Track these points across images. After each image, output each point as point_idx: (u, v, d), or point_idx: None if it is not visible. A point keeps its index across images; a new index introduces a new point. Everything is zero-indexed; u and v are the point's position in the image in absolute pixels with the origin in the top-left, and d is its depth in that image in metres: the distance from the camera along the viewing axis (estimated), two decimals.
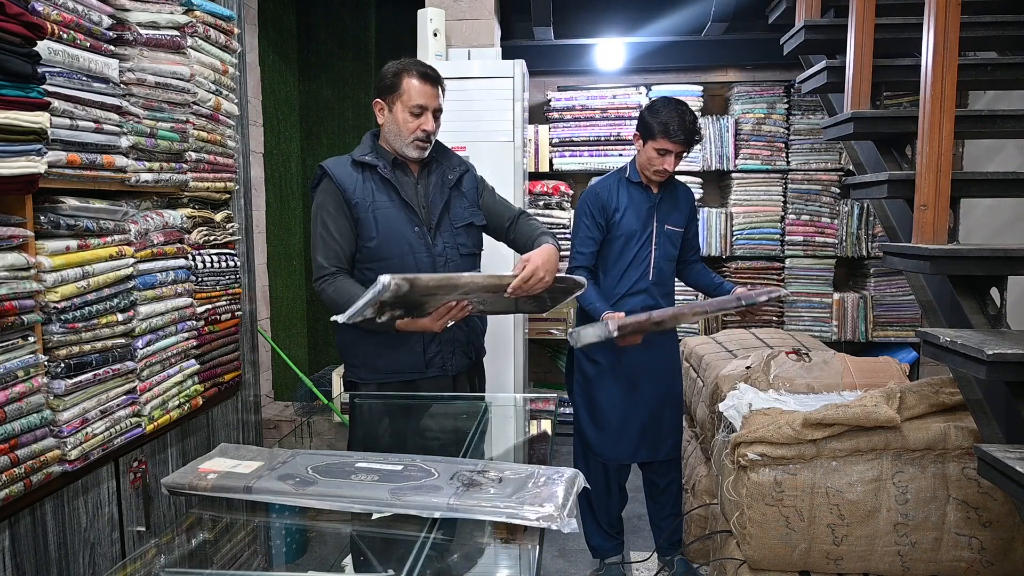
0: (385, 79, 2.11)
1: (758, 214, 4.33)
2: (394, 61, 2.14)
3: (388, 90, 2.10)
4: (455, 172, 2.22)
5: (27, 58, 1.46)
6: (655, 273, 2.66)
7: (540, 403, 2.34)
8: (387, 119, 2.12)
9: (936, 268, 1.75)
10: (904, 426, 2.03)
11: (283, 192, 4.39)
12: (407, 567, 1.20)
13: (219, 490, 1.39)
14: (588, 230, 2.64)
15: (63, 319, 1.65)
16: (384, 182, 2.11)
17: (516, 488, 1.32)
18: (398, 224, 2.09)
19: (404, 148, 2.11)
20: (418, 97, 2.07)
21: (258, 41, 4.05)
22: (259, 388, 2.72)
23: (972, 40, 2.34)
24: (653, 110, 2.54)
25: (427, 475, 1.38)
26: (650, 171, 2.59)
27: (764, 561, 2.14)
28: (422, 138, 2.09)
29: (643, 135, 2.57)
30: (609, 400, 2.69)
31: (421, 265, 2.09)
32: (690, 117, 2.53)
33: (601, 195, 2.65)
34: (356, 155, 2.13)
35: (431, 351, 2.13)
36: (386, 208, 2.09)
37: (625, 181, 2.67)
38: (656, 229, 2.65)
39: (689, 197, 2.78)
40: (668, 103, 2.55)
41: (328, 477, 1.38)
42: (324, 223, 2.09)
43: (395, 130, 2.10)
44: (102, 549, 1.83)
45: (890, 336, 4.27)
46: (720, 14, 4.04)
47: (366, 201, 2.08)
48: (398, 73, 2.09)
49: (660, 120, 2.50)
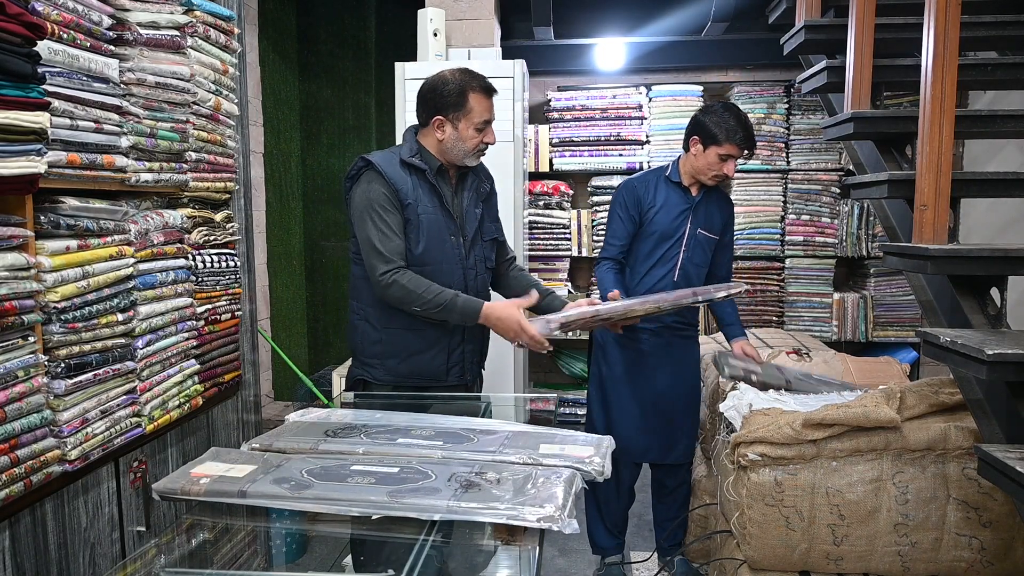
0: (448, 96, 2.07)
1: (758, 214, 4.33)
2: (448, 73, 2.10)
3: (452, 108, 2.07)
4: (486, 186, 2.25)
5: (27, 58, 1.46)
6: (680, 275, 2.63)
7: (540, 403, 2.34)
8: (449, 135, 2.09)
9: (936, 268, 1.75)
10: (904, 426, 2.02)
11: (283, 192, 4.39)
12: (407, 567, 1.20)
13: (213, 495, 1.36)
14: (621, 222, 2.64)
15: (63, 319, 1.65)
16: (430, 187, 2.09)
17: (515, 489, 1.32)
18: (441, 232, 2.09)
19: (466, 159, 2.12)
20: (485, 113, 2.09)
21: (258, 41, 4.05)
22: (259, 388, 2.72)
23: (972, 40, 2.34)
24: (715, 115, 2.52)
25: (424, 477, 1.38)
26: (708, 176, 2.57)
27: (764, 561, 2.14)
28: (483, 149, 2.13)
29: (704, 140, 2.53)
30: (624, 399, 2.69)
31: (454, 276, 2.10)
32: (749, 122, 2.54)
33: (638, 189, 2.64)
34: (405, 156, 2.09)
35: (454, 359, 2.15)
36: (433, 214, 2.09)
37: (664, 180, 2.66)
38: (689, 231, 2.62)
39: (728, 205, 2.75)
40: (729, 108, 2.54)
41: (324, 480, 1.36)
42: (382, 219, 2.03)
43: (459, 146, 2.09)
44: (102, 549, 1.83)
45: (890, 336, 4.26)
46: (720, 14, 4.04)
47: (415, 203, 2.07)
48: (463, 91, 2.06)
49: (727, 126, 2.48)
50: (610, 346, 2.71)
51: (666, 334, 2.66)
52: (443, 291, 2.02)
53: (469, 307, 2.03)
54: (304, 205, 4.61)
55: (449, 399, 2.16)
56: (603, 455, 1.50)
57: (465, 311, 2.02)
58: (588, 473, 1.43)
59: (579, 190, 4.58)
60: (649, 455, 2.72)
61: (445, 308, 2.01)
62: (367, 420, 1.75)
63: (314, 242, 4.64)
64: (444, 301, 2.00)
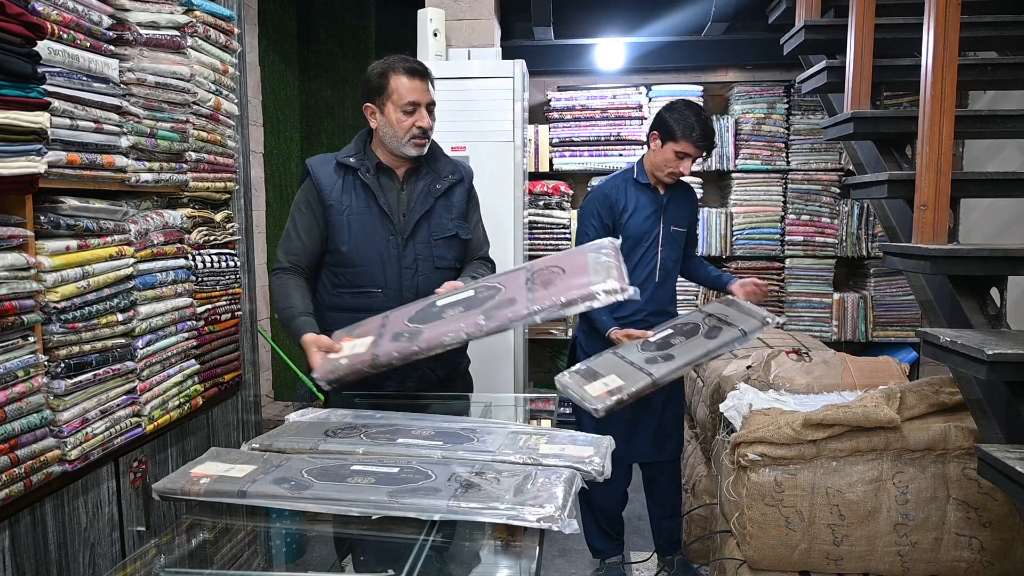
0: (371, 81, 2.05)
1: (758, 214, 4.33)
2: (377, 61, 2.08)
3: (376, 92, 2.04)
4: (445, 181, 2.12)
5: (27, 58, 1.46)
6: (661, 274, 2.65)
7: (540, 403, 2.34)
8: (380, 122, 2.06)
9: (936, 268, 1.75)
10: (904, 426, 2.02)
11: (283, 192, 4.39)
12: (407, 568, 1.20)
13: (212, 495, 1.35)
14: (596, 231, 2.61)
15: (63, 319, 1.65)
16: (364, 187, 2.07)
17: (515, 489, 1.32)
18: (371, 231, 2.05)
19: (402, 148, 2.05)
20: (409, 94, 2.00)
21: (258, 41, 4.05)
22: (259, 388, 2.72)
23: (972, 40, 2.34)
24: (675, 112, 2.52)
25: (424, 477, 1.38)
26: (664, 172, 2.58)
27: (764, 561, 2.14)
28: (418, 135, 2.03)
29: (662, 136, 2.54)
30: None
31: (388, 274, 2.05)
32: (710, 123, 2.53)
33: (609, 196, 2.63)
34: (340, 156, 2.10)
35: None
36: (361, 214, 2.05)
37: (632, 182, 2.66)
38: (663, 231, 2.64)
39: (692, 197, 2.78)
40: (689, 106, 2.53)
41: (324, 480, 1.36)
42: (294, 219, 2.09)
43: (390, 132, 2.04)
44: (102, 549, 1.83)
45: (890, 336, 4.27)
46: (720, 14, 4.04)
47: (342, 205, 2.05)
48: (384, 73, 2.03)
49: (685, 123, 2.48)
50: (596, 347, 2.69)
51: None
52: (292, 306, 1.97)
53: (298, 330, 1.91)
54: None
55: (450, 399, 2.15)
56: (603, 455, 1.50)
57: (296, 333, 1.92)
58: (588, 473, 1.43)
59: (579, 190, 4.58)
60: (641, 455, 2.72)
61: (286, 323, 1.99)
62: (367, 420, 1.75)
63: None
64: (286, 317, 1.99)
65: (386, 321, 1.80)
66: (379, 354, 1.66)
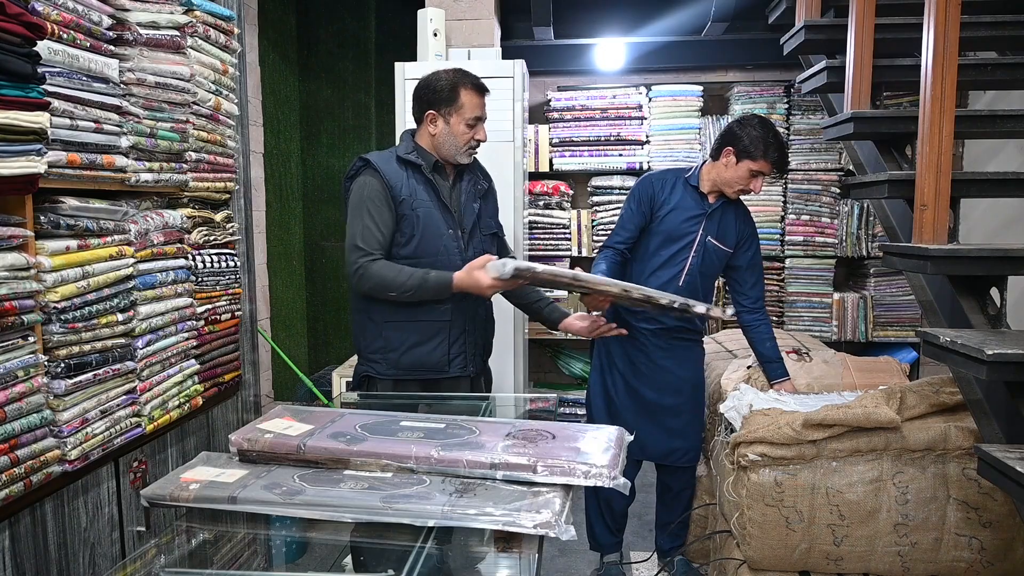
0: (440, 92, 2.14)
1: (758, 214, 4.31)
2: (443, 71, 2.18)
3: (443, 102, 2.13)
4: (484, 183, 2.30)
5: (27, 58, 1.46)
6: (687, 281, 2.58)
7: (540, 403, 2.34)
8: (441, 130, 2.15)
9: (936, 268, 1.75)
10: (904, 426, 2.02)
11: (283, 192, 4.39)
12: (407, 568, 1.20)
13: (202, 501, 1.33)
14: (632, 213, 2.61)
15: (63, 319, 1.65)
16: (426, 182, 2.15)
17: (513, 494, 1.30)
18: (437, 225, 2.14)
19: (457, 156, 2.16)
20: (475, 109, 2.14)
21: (258, 41, 4.05)
22: (259, 388, 2.72)
23: (972, 40, 2.34)
24: (752, 128, 2.44)
25: (419, 481, 1.36)
26: (733, 189, 2.52)
27: (764, 561, 2.14)
28: (475, 146, 2.18)
29: (737, 153, 2.46)
30: (623, 395, 2.69)
31: (453, 269, 2.12)
32: (784, 142, 2.47)
33: (655, 184, 2.61)
34: (401, 152, 2.16)
35: (455, 351, 2.18)
36: (428, 209, 2.13)
37: (684, 181, 2.61)
38: (699, 238, 2.57)
39: (748, 219, 2.68)
40: (764, 123, 2.46)
41: (316, 485, 1.33)
42: (369, 213, 2.10)
43: (450, 140, 2.14)
44: (102, 549, 1.83)
45: (890, 336, 4.26)
46: (720, 14, 4.04)
47: (411, 198, 2.12)
48: (454, 87, 2.13)
49: (765, 143, 2.41)
50: (613, 342, 2.70)
51: (667, 336, 2.66)
52: (413, 271, 2.06)
53: (441, 281, 2.05)
54: (304, 205, 4.61)
55: (452, 399, 2.16)
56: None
57: (439, 286, 2.05)
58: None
59: (579, 190, 4.58)
60: (647, 452, 2.71)
61: (419, 288, 2.05)
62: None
63: (314, 242, 4.64)
64: (416, 281, 2.04)
65: (338, 419, 1.69)
66: (306, 446, 1.47)
